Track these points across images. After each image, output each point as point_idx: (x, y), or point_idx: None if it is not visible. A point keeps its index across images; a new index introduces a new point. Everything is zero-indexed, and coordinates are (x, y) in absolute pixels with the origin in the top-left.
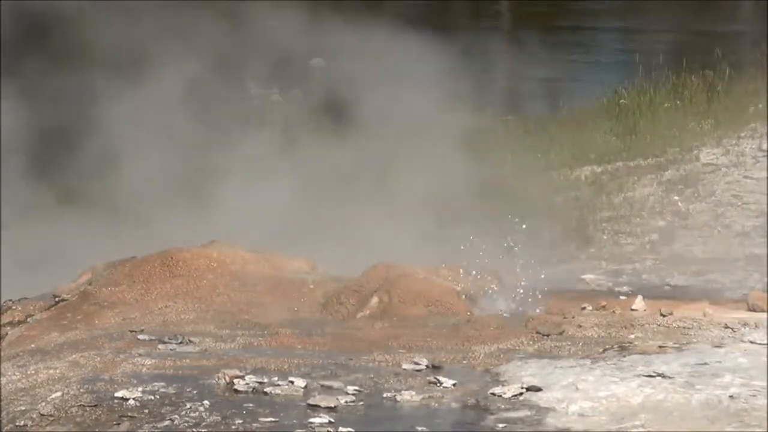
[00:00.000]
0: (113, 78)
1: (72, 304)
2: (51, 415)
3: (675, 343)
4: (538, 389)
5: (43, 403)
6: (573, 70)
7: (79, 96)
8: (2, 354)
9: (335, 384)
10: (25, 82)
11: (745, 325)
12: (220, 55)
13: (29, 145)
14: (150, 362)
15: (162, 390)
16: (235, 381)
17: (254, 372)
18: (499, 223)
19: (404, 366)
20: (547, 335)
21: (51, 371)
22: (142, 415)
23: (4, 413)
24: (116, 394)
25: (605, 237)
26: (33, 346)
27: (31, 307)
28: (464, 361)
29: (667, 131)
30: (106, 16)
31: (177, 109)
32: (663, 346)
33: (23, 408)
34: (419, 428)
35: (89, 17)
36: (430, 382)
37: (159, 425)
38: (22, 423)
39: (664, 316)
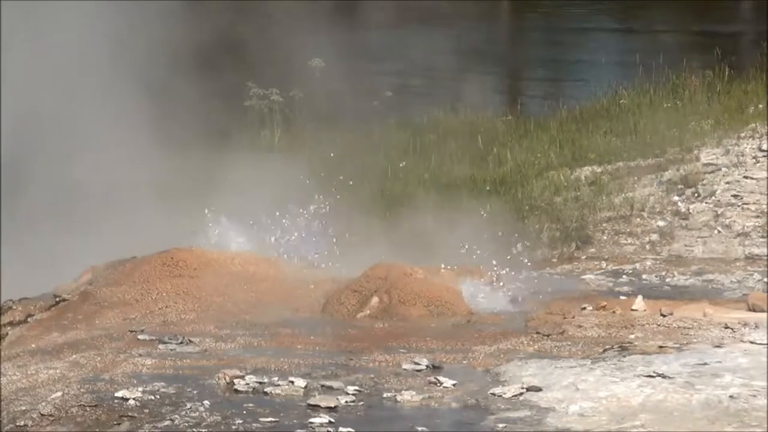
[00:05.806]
0: None
1: (72, 304)
2: (51, 415)
3: (675, 343)
4: (538, 389)
5: (44, 403)
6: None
7: None
8: (2, 354)
9: (335, 384)
10: None
11: (745, 325)
12: None
13: None
14: (150, 362)
15: (162, 390)
16: (235, 381)
17: (254, 372)
18: None
19: (404, 366)
20: (548, 335)
21: (51, 371)
22: (143, 415)
23: (4, 413)
24: (116, 394)
25: (605, 237)
26: (33, 346)
27: (32, 307)
28: (464, 361)
29: (667, 131)
30: None
31: None
32: (663, 346)
33: (24, 408)
34: (419, 428)
35: None
36: (430, 382)
37: (159, 425)
38: (22, 423)
39: (664, 316)
